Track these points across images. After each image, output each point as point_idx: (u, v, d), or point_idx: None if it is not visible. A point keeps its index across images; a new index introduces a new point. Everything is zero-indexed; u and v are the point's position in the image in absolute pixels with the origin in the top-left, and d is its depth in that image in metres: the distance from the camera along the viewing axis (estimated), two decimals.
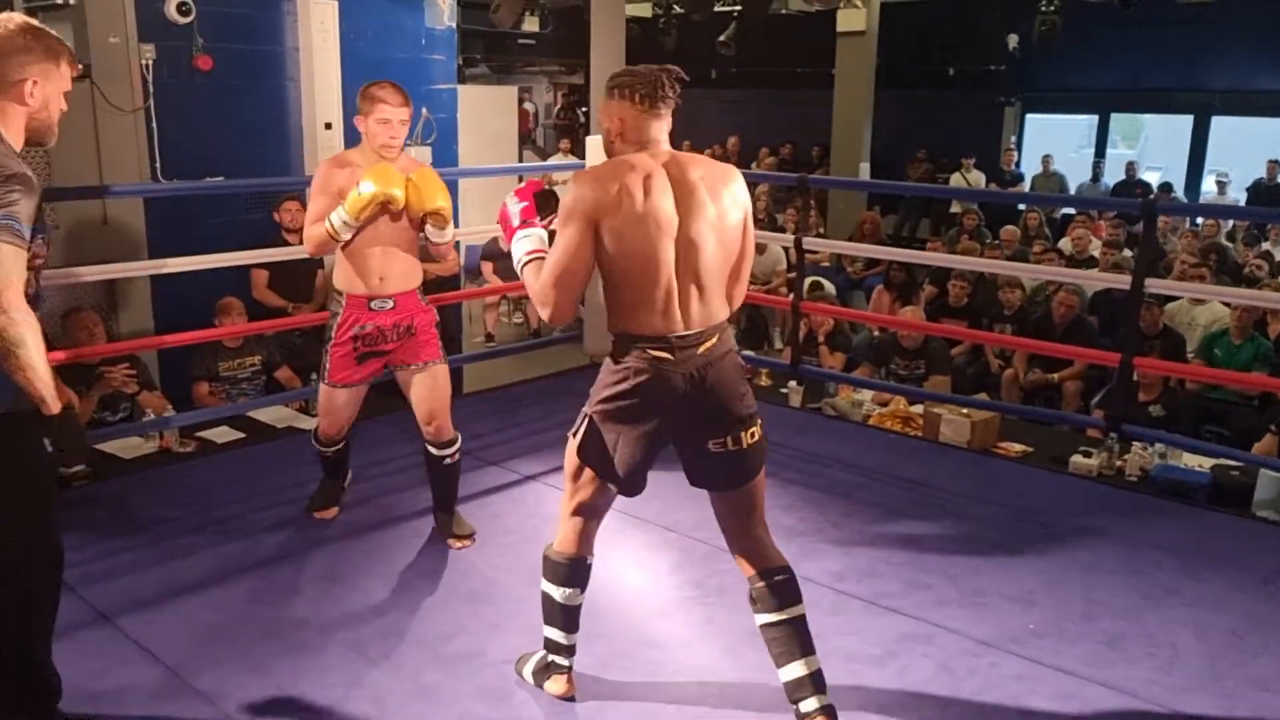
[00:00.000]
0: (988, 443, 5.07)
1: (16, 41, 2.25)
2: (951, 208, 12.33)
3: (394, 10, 6.66)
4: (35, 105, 2.30)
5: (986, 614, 3.28)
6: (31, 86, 2.27)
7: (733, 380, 2.51)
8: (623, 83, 2.46)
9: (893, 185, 13.88)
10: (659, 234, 2.38)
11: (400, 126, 3.40)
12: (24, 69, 2.26)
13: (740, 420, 2.50)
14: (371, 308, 3.46)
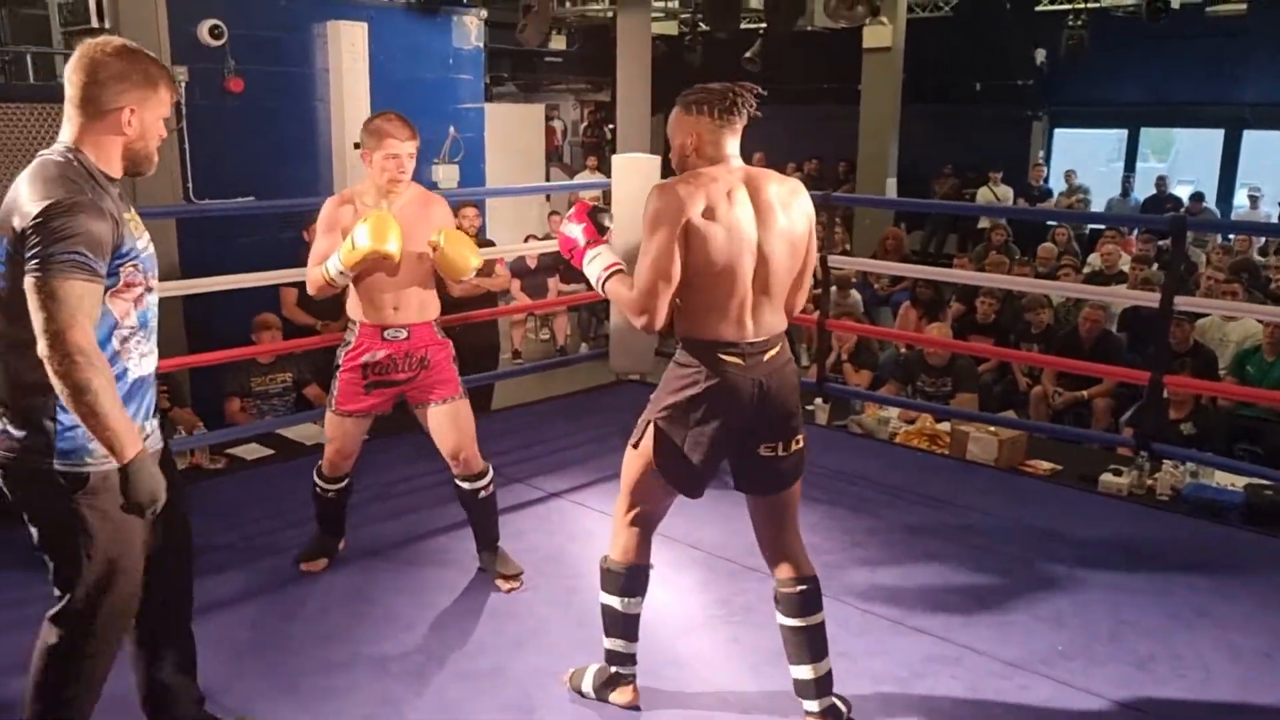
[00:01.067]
0: (1015, 461, 5.03)
1: (113, 67, 2.11)
2: (979, 223, 12.27)
3: (422, 31, 6.75)
4: (133, 134, 2.16)
5: (1015, 635, 3.26)
6: (129, 115, 2.13)
7: (792, 388, 2.62)
8: (700, 99, 2.53)
9: (916, 203, 13.83)
10: (739, 245, 2.45)
11: (408, 161, 3.29)
12: (121, 96, 2.12)
13: (793, 427, 2.61)
14: (385, 337, 3.38)
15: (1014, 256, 9.45)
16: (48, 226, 1.98)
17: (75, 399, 1.99)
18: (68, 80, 2.13)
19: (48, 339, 1.97)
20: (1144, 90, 13.51)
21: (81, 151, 2.13)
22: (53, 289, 1.97)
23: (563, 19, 13.94)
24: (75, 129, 2.14)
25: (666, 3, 13.25)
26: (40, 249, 1.98)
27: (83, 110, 2.12)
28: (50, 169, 2.07)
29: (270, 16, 6.15)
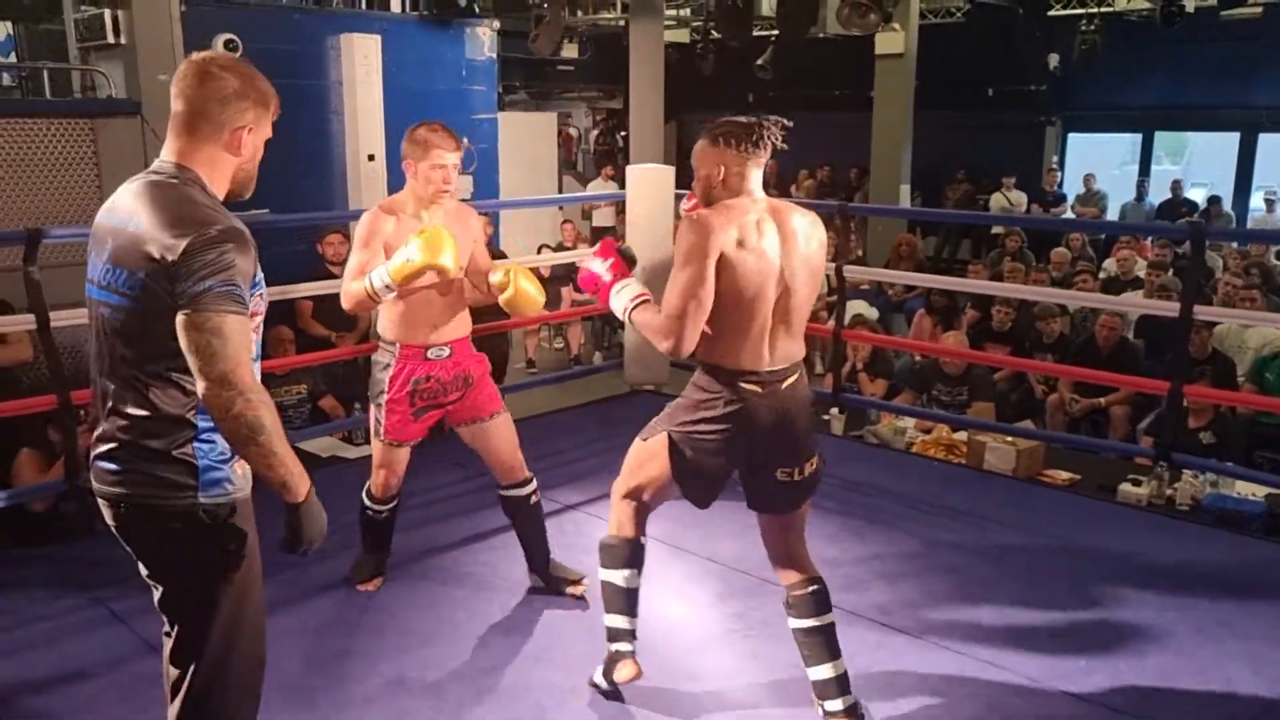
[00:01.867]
0: (1033, 470, 5.00)
1: (233, 83, 2.00)
2: (994, 228, 12.23)
3: (435, 43, 6.77)
4: (246, 156, 2.07)
5: (1036, 649, 3.23)
6: (246, 135, 2.04)
7: (808, 415, 2.69)
8: (726, 131, 2.56)
9: (931, 213, 13.81)
10: (766, 275, 2.52)
11: (454, 171, 3.23)
12: (242, 115, 2.02)
13: (808, 452, 2.68)
14: (428, 357, 3.30)
15: (1030, 263, 9.41)
16: (201, 258, 1.86)
17: (250, 439, 1.88)
18: (181, 96, 2.00)
19: (216, 379, 1.85)
20: (1158, 94, 13.44)
21: (195, 172, 2.01)
22: (216, 326, 1.86)
23: (574, 27, 13.96)
24: (185, 147, 2.01)
25: (678, 10, 13.26)
26: (195, 283, 1.86)
27: (198, 128, 2.00)
28: (174, 192, 1.96)
29: (285, 30, 6.18)
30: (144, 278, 1.90)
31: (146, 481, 1.98)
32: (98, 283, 2.00)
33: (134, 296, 1.92)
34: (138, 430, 1.98)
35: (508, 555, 3.87)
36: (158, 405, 1.96)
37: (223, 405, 1.87)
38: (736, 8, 9.66)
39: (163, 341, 1.91)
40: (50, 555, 3.90)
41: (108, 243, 1.98)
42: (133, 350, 1.96)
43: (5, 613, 3.45)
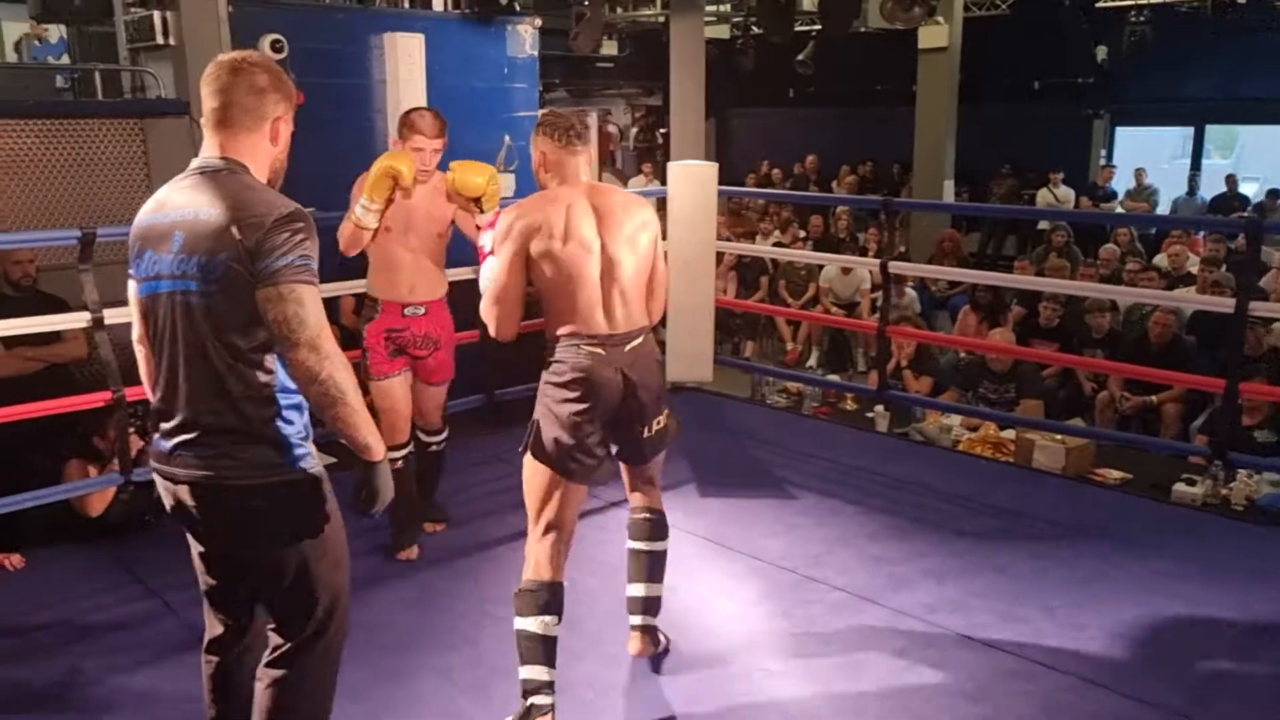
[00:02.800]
0: (1083, 469, 4.92)
1: (264, 78, 2.13)
2: (1039, 224, 12.06)
3: (477, 41, 6.78)
4: (279, 147, 2.20)
5: (1087, 649, 3.17)
6: (280, 125, 2.18)
7: (656, 374, 2.91)
8: (549, 123, 2.84)
9: (975, 208, 13.65)
10: (581, 254, 2.75)
11: (432, 156, 3.69)
12: (276, 106, 2.15)
13: (657, 409, 2.89)
14: (405, 314, 3.76)
15: (1077, 260, 9.26)
16: (280, 236, 2.00)
17: (337, 403, 2.01)
18: (220, 92, 2.10)
19: (306, 343, 1.98)
20: (1210, 86, 13.17)
21: (242, 162, 2.12)
22: (300, 296, 2.00)
23: (614, 25, 13.96)
24: (226, 141, 2.12)
25: (718, 6, 13.21)
26: (277, 258, 1.99)
27: (237, 122, 2.11)
28: (234, 180, 2.08)
29: (329, 30, 6.21)
30: (225, 259, 2.00)
31: (237, 463, 2.07)
32: (169, 274, 2.06)
33: (217, 279, 2.01)
34: (223, 413, 2.06)
35: None
36: (243, 387, 2.06)
37: (312, 369, 1.99)
38: (778, 2, 9.59)
39: (246, 322, 2.03)
40: (104, 550, 3.96)
41: (175, 236, 2.05)
42: (216, 334, 2.04)
43: (64, 604, 3.51)
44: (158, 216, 2.11)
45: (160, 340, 2.12)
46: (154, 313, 2.13)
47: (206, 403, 2.07)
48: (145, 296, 2.14)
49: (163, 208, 2.11)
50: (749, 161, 15.90)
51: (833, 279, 9.23)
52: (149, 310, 2.14)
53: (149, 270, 2.10)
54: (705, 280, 5.73)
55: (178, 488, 2.13)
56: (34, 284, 4.74)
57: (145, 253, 2.11)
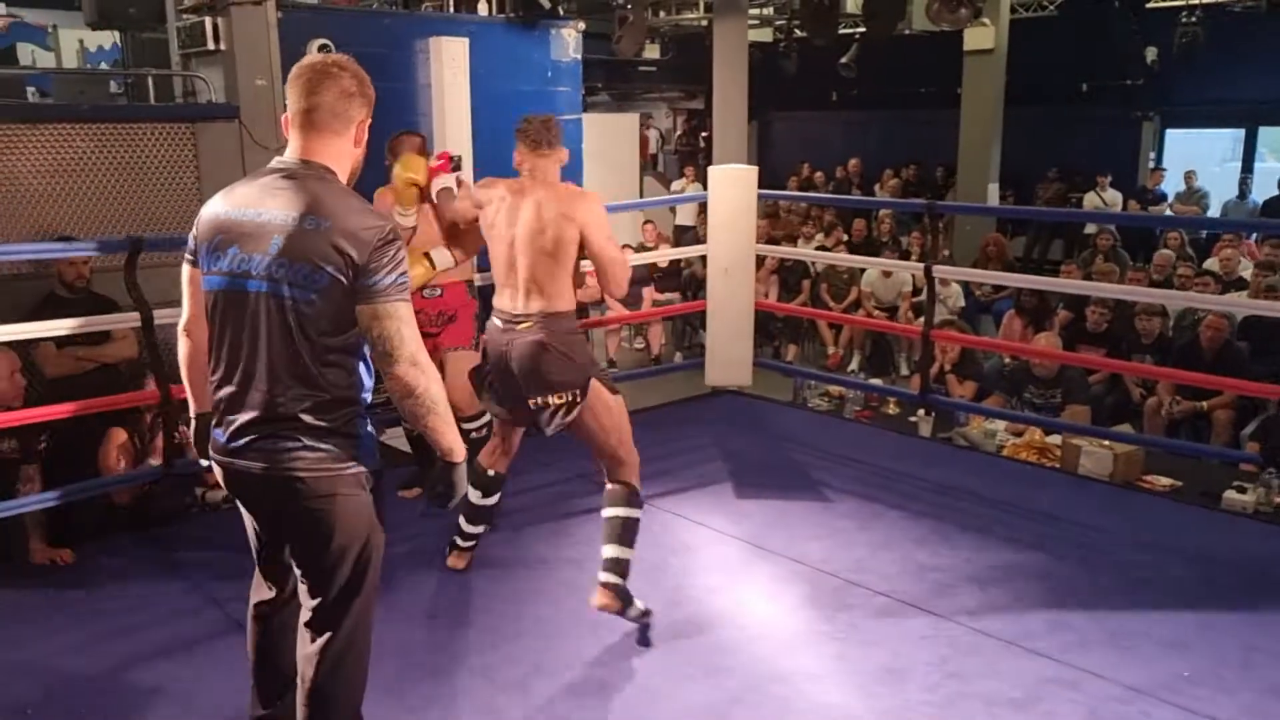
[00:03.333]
0: (1131, 476, 4.84)
1: (350, 82, 2.19)
2: (1085, 228, 11.89)
3: (522, 45, 6.83)
4: (361, 149, 2.27)
5: (1136, 658, 3.12)
6: (363, 129, 2.25)
7: (534, 358, 3.21)
8: (517, 127, 3.30)
9: (1020, 210, 13.46)
10: (500, 238, 3.26)
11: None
12: (361, 109, 2.22)
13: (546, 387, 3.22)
14: (424, 295, 4.03)
15: (1125, 264, 9.12)
16: (386, 254, 2.10)
17: (430, 414, 2.17)
18: (309, 95, 2.16)
19: (406, 360, 2.12)
20: (1263, 87, 12.88)
21: (326, 165, 2.19)
22: (405, 315, 2.13)
23: (657, 28, 13.97)
24: (312, 144, 2.18)
25: (762, 9, 13.18)
26: (383, 277, 2.10)
27: (326, 124, 2.17)
28: (330, 188, 2.15)
29: (376, 34, 6.30)
30: (331, 272, 2.09)
31: (315, 454, 2.16)
32: (262, 275, 2.11)
33: (320, 289, 2.09)
34: (306, 408, 2.15)
35: (594, 552, 3.88)
36: (328, 385, 2.16)
37: (411, 384, 2.13)
38: (822, 5, 9.55)
39: (338, 328, 2.13)
40: (148, 542, 4.03)
41: (273, 240, 2.10)
42: (307, 336, 2.12)
43: (110, 598, 3.58)
44: (247, 214, 2.15)
45: (236, 334, 2.17)
46: (230, 307, 2.17)
47: (289, 397, 2.14)
48: (221, 289, 2.17)
49: (250, 206, 2.15)
50: (790, 165, 15.83)
51: (874, 282, 9.16)
52: (219, 303, 2.18)
53: (233, 266, 2.14)
54: (745, 284, 5.72)
55: (249, 478, 2.22)
56: (88, 285, 4.85)
57: (230, 248, 2.15)
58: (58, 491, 3.83)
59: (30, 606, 3.54)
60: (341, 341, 2.15)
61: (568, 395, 3.23)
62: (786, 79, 13.98)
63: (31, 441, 3.81)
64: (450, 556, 3.72)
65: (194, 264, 2.27)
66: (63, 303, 4.67)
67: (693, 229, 12.05)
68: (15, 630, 3.38)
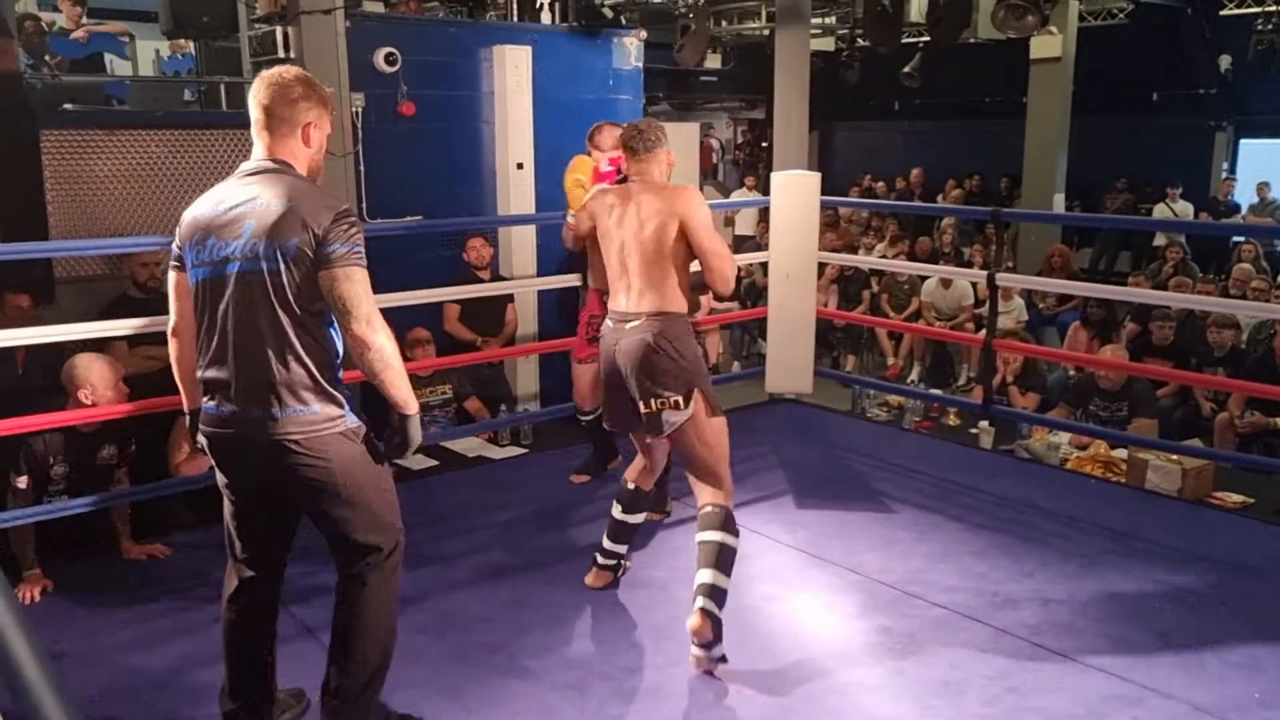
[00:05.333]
0: (1201, 492, 4.72)
1: (296, 90, 2.47)
2: (1154, 240, 11.63)
3: (584, 53, 6.87)
4: (313, 149, 2.54)
5: (1203, 678, 3.04)
6: (310, 130, 2.51)
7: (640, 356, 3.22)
8: (621, 135, 3.50)
9: (1087, 218, 13.20)
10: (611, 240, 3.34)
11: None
12: (308, 113, 2.49)
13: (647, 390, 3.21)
14: (604, 301, 4.04)
15: (1195, 277, 8.91)
16: (340, 228, 2.37)
17: (386, 366, 2.39)
18: (260, 104, 2.46)
19: (363, 319, 2.35)
20: None
21: (288, 163, 2.48)
22: (357, 278, 2.36)
23: (718, 38, 13.98)
24: (273, 144, 2.47)
25: (824, 19, 13.11)
26: (339, 246, 2.36)
27: (276, 129, 2.46)
28: (291, 178, 2.44)
29: (441, 43, 6.37)
30: (297, 244, 2.35)
31: (307, 415, 2.40)
32: (240, 256, 2.38)
33: (290, 259, 2.35)
34: (291, 372, 2.39)
35: (652, 557, 3.90)
36: (308, 351, 2.40)
37: (368, 339, 2.35)
38: (886, 13, 9.47)
39: (311, 296, 2.37)
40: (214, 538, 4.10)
41: (246, 224, 2.38)
42: (284, 306, 2.37)
43: (178, 593, 3.66)
44: (220, 209, 2.43)
45: (220, 316, 2.41)
46: (212, 292, 2.42)
47: (272, 365, 2.38)
48: (204, 279, 2.44)
49: (224, 202, 2.44)
50: (852, 175, 15.72)
51: (935, 293, 9.06)
52: (203, 291, 2.44)
53: (213, 255, 2.41)
54: (806, 290, 5.68)
55: (243, 446, 2.45)
56: (160, 286, 4.97)
57: (209, 240, 2.43)
58: (140, 489, 3.95)
59: (102, 600, 3.63)
60: (313, 308, 2.39)
61: (670, 399, 3.21)
62: (848, 88, 13.88)
63: (126, 446, 3.93)
64: (589, 575, 3.64)
65: (179, 268, 2.55)
66: (135, 303, 4.80)
67: (752, 238, 12.02)
68: (86, 622, 3.47)
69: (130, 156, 5.39)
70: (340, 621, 2.58)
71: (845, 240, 11.02)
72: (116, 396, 3.82)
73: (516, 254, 6.26)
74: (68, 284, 5.12)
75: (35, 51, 6.30)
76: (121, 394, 3.85)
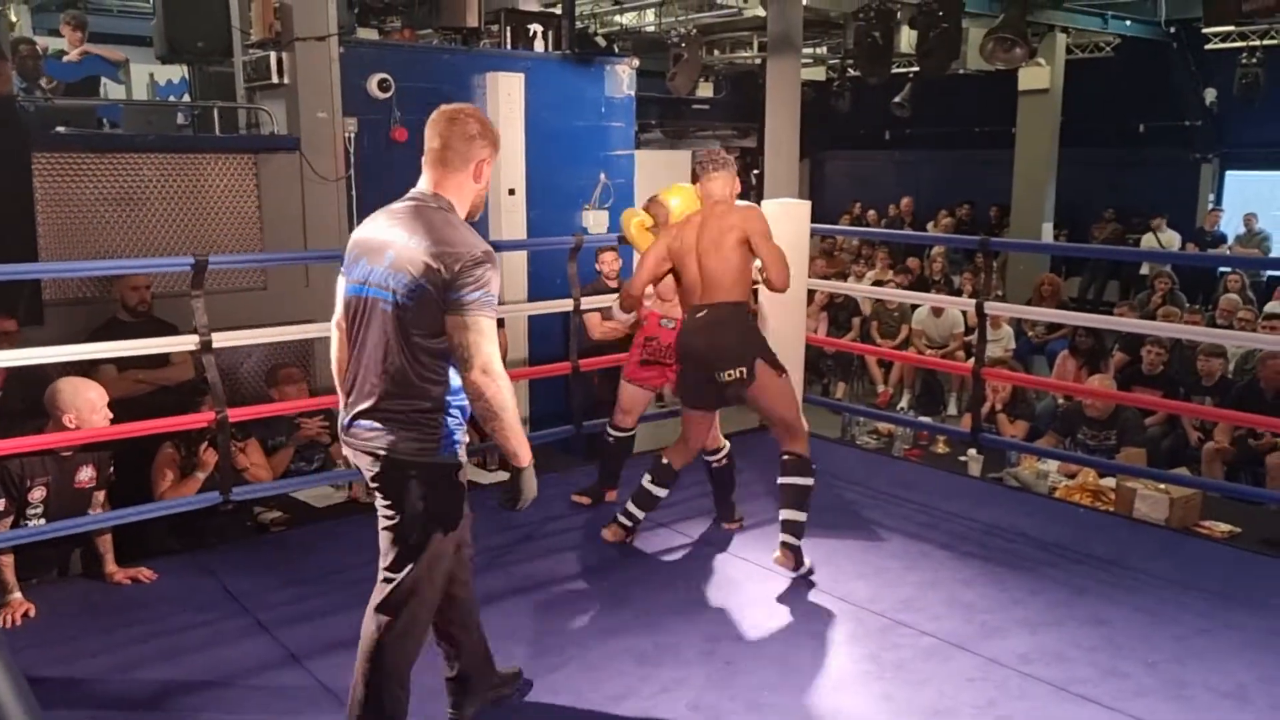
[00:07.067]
0: (1188, 521, 4.73)
1: (474, 127, 2.59)
2: (1142, 269, 11.72)
3: (577, 81, 6.92)
4: (481, 184, 2.64)
5: (1192, 709, 3.03)
6: (483, 166, 2.62)
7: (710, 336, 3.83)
8: (695, 159, 3.67)
9: (1076, 248, 13.31)
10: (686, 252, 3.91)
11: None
12: (482, 150, 2.60)
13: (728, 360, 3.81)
14: (661, 325, 4.43)
15: (1182, 307, 8.97)
16: (473, 273, 2.42)
17: (499, 415, 2.46)
18: (439, 135, 2.58)
19: (480, 367, 2.42)
20: None
21: (447, 199, 2.58)
22: (482, 326, 2.43)
23: (711, 66, 14.09)
24: (440, 178, 2.58)
25: (815, 49, 13.24)
26: (468, 292, 2.42)
27: (450, 162, 2.57)
28: (440, 216, 2.52)
29: (434, 69, 6.43)
30: (424, 283, 2.43)
31: (404, 441, 2.50)
32: (376, 283, 2.51)
33: (414, 296, 2.44)
34: (399, 399, 2.50)
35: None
36: (419, 382, 2.49)
37: (481, 388, 2.43)
38: (876, 44, 9.57)
39: (429, 333, 2.46)
40: (200, 564, 4.09)
41: (388, 253, 2.50)
42: (404, 336, 2.47)
43: (160, 619, 3.63)
44: (375, 232, 2.58)
45: (359, 332, 2.57)
46: (355, 309, 2.58)
47: (387, 388, 2.50)
48: (352, 295, 2.59)
49: (381, 227, 2.57)
50: (843, 204, 15.82)
51: (925, 321, 9.10)
52: (350, 304, 2.60)
53: (361, 275, 2.56)
54: (796, 318, 5.70)
55: (356, 455, 2.60)
56: (149, 310, 4.96)
57: (361, 260, 2.57)
58: (123, 512, 3.91)
59: (82, 626, 3.59)
60: (433, 344, 2.47)
61: (738, 371, 3.78)
62: (839, 118, 14.02)
63: (105, 470, 3.89)
64: (607, 530, 4.18)
65: (343, 276, 2.69)
66: (124, 327, 4.79)
67: None
68: (68, 646, 3.43)
69: (121, 179, 5.40)
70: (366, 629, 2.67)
71: (838, 268, 11.07)
72: (103, 422, 3.79)
73: (508, 279, 6.28)
74: (57, 306, 5.11)
75: (29, 75, 6.32)
76: (107, 419, 3.82)
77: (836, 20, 11.11)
